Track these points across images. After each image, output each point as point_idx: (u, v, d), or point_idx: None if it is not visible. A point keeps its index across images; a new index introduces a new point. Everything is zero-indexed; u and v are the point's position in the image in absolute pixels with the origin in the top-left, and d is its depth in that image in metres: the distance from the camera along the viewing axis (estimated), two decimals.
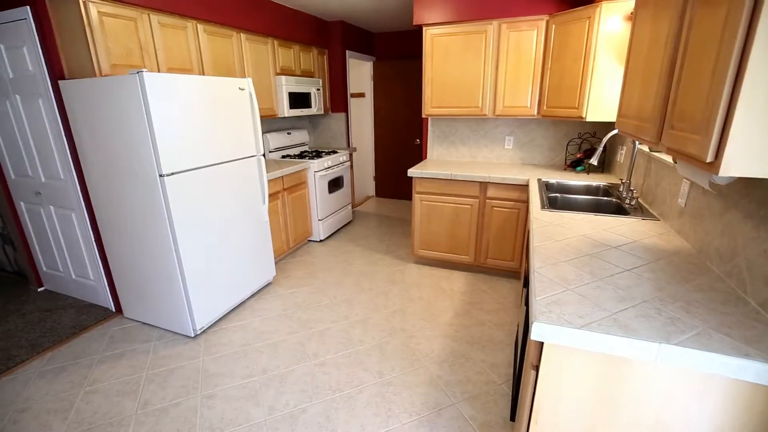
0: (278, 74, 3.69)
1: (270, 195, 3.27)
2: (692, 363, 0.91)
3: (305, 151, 4.29)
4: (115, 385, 2.06)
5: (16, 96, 2.51)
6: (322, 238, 4.06)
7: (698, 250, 1.46)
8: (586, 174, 2.97)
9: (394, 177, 5.69)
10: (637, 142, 2.24)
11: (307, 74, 4.13)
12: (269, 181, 3.24)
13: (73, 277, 2.90)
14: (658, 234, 1.67)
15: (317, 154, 4.07)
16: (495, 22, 2.93)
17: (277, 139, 4.07)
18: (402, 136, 5.42)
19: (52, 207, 2.73)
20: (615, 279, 1.26)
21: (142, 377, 2.12)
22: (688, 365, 0.92)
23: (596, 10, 2.41)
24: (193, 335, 2.45)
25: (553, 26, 2.75)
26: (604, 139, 2.24)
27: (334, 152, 4.25)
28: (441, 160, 3.67)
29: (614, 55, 2.46)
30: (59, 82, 2.24)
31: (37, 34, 2.24)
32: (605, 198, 2.31)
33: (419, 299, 2.87)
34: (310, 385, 2.03)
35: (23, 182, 2.79)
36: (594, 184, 2.66)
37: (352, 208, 4.84)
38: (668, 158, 1.86)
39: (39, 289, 3.12)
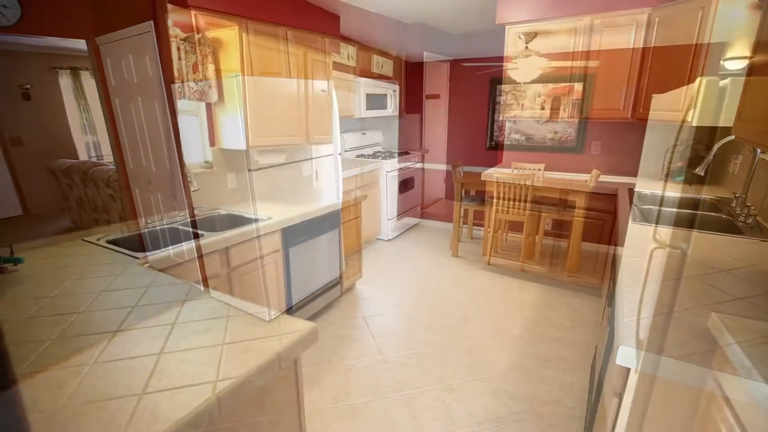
0: (357, 76, 3.81)
1: (343, 192, 3.39)
2: None
3: (378, 152, 4.38)
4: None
5: (138, 98, 2.91)
6: (390, 238, 4.11)
7: None
8: (687, 185, 2.63)
9: (466, 179, 5.55)
10: (758, 151, 1.93)
11: (384, 76, 4.21)
12: (344, 179, 3.36)
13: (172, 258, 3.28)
14: None
15: (390, 155, 4.13)
16: (586, 18, 2.72)
17: (353, 139, 4.21)
18: (476, 139, 5.26)
19: (159, 195, 3.12)
20: (723, 307, 1.10)
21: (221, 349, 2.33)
22: None
23: None
24: (267, 319, 2.63)
25: (656, 20, 2.48)
26: (716, 146, 1.96)
27: (407, 153, 4.28)
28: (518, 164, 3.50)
29: (731, 51, 2.14)
30: (171, 85, 2.55)
31: (157, 44, 2.58)
32: (712, 213, 2.02)
33: (487, 307, 2.78)
34: (372, 381, 2.07)
35: (138, 172, 3.23)
36: (697, 197, 2.35)
37: (422, 209, 4.83)
38: None
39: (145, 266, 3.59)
